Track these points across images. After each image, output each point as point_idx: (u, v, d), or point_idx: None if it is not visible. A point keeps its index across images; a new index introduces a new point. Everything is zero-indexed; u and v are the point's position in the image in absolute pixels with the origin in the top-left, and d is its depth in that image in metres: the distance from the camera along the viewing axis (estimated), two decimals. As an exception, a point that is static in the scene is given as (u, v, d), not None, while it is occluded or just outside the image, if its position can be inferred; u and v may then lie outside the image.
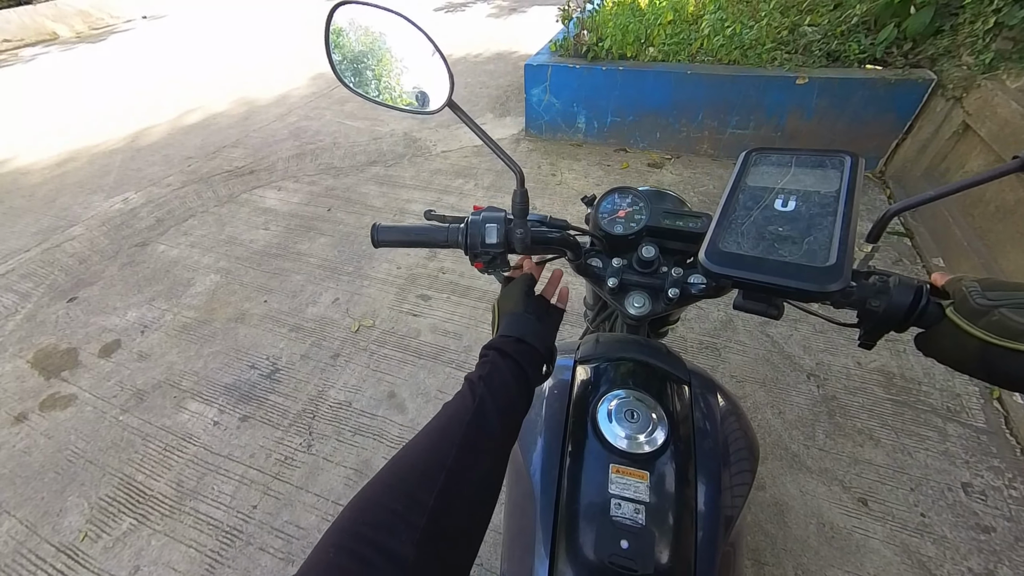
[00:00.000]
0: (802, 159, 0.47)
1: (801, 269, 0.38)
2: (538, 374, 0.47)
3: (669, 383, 0.54)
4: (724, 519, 0.44)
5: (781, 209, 0.43)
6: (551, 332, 0.51)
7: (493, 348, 0.46)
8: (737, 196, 0.46)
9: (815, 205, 0.42)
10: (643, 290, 0.63)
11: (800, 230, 0.41)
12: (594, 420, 0.49)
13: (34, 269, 2.33)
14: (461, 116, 0.47)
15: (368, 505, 0.34)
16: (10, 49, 7.05)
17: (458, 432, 0.38)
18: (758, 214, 0.44)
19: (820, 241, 0.39)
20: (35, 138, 3.87)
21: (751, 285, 0.40)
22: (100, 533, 1.30)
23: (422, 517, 0.32)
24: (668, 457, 0.46)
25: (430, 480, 0.35)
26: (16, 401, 1.68)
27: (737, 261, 0.41)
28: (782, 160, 0.48)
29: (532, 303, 0.51)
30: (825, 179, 0.44)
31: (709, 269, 0.41)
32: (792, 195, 0.44)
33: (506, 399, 0.41)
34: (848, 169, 0.44)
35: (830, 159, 0.46)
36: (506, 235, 0.53)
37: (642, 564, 0.40)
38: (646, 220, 0.63)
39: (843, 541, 1.17)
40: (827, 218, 0.41)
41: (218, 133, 3.65)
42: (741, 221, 0.44)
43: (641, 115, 2.80)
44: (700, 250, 0.42)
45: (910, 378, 1.51)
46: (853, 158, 0.44)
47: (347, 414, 1.56)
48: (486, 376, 0.43)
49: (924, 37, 2.23)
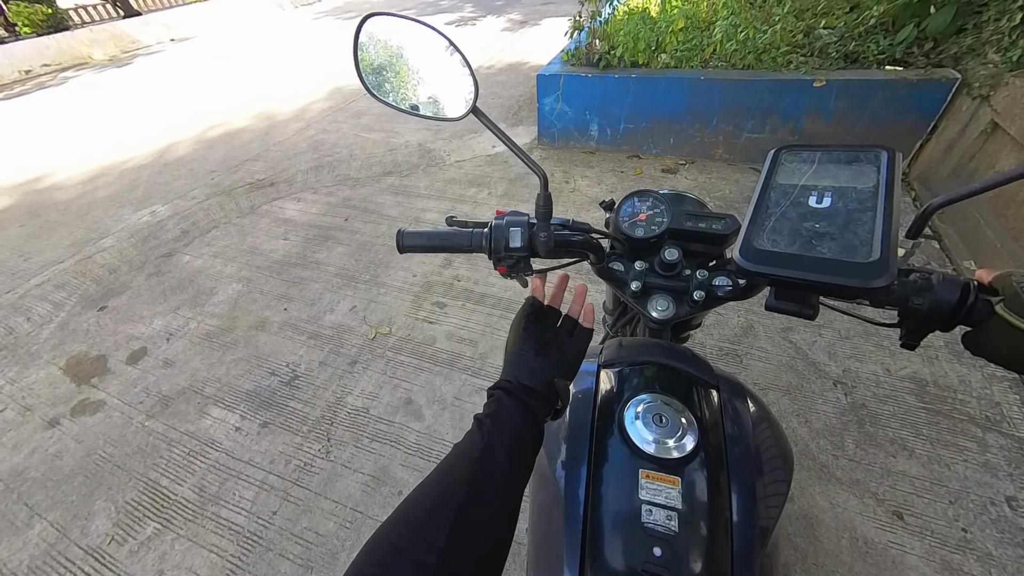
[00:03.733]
0: (834, 155, 0.46)
1: (843, 265, 0.37)
2: (545, 410, 0.46)
3: (696, 387, 0.53)
4: (760, 529, 0.43)
5: (816, 206, 0.42)
6: (556, 364, 0.48)
7: (499, 388, 0.45)
8: (768, 194, 0.45)
9: (852, 201, 0.41)
10: (666, 293, 0.62)
11: (839, 226, 0.40)
12: (621, 424, 0.48)
13: (67, 279, 2.43)
14: (485, 122, 0.48)
15: (377, 546, 0.33)
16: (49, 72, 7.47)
17: (467, 469, 0.38)
18: (792, 211, 0.43)
19: (861, 236, 0.38)
20: (69, 155, 4.06)
21: (790, 283, 0.39)
22: (126, 537, 1.33)
23: (431, 555, 0.32)
24: (699, 463, 0.44)
25: (440, 518, 0.34)
26: (49, 407, 1.74)
27: (774, 259, 0.40)
28: (813, 157, 0.47)
29: (530, 337, 0.49)
30: (860, 174, 0.43)
31: (744, 268, 0.40)
32: (827, 191, 0.43)
33: (513, 436, 0.41)
34: (885, 163, 0.42)
35: (864, 154, 0.44)
36: (530, 239, 0.53)
37: (676, 573, 0.39)
38: (668, 222, 0.62)
39: (878, 557, 1.11)
40: (866, 213, 0.40)
41: (240, 147, 3.78)
42: (775, 219, 0.43)
43: (654, 121, 2.79)
44: (734, 248, 0.42)
45: (944, 386, 1.44)
46: (890, 152, 0.43)
47: (365, 421, 1.57)
48: (492, 414, 0.42)
49: (946, 36, 2.18)
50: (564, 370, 0.48)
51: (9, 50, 7.25)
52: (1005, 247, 1.68)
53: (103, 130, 4.58)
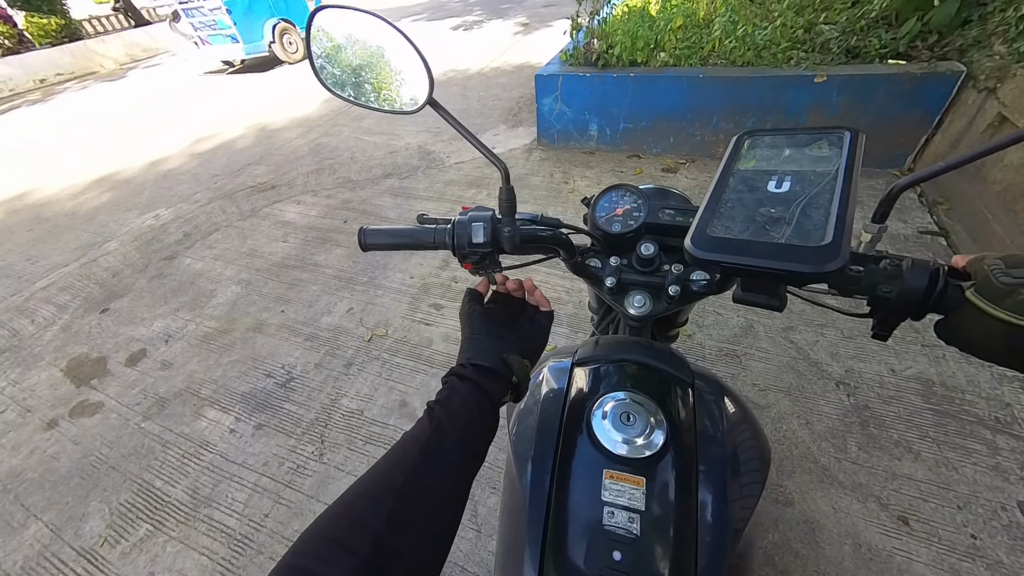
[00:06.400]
0: (798, 139, 0.44)
1: (794, 250, 0.35)
2: (501, 390, 0.45)
3: (671, 385, 0.51)
4: (730, 529, 0.41)
5: (774, 191, 0.40)
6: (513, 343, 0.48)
7: (452, 375, 0.45)
8: (728, 181, 0.43)
9: (811, 184, 0.39)
10: (643, 289, 0.61)
11: (794, 211, 0.38)
12: (589, 424, 0.46)
13: (72, 282, 2.46)
14: (442, 114, 0.46)
15: (310, 537, 0.32)
16: (63, 81, 7.65)
17: (412, 455, 0.37)
18: (749, 197, 0.41)
19: (816, 220, 0.36)
20: (79, 161, 4.14)
21: (740, 270, 0.38)
22: (119, 538, 1.33)
23: (365, 543, 0.30)
24: (668, 462, 0.43)
25: (378, 504, 0.33)
26: (49, 408, 1.75)
27: (724, 245, 0.38)
28: (776, 142, 0.45)
29: (477, 321, 0.50)
30: (822, 158, 0.41)
31: (695, 256, 0.39)
32: (787, 176, 0.41)
33: (465, 421, 0.40)
34: (847, 145, 0.41)
35: (828, 136, 0.43)
36: (494, 234, 0.52)
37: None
38: (644, 217, 0.61)
39: (883, 564, 1.07)
40: (823, 196, 0.38)
41: (243, 152, 3.82)
42: (731, 206, 0.41)
43: (654, 120, 2.77)
44: (686, 237, 0.40)
45: (952, 386, 1.40)
46: (853, 133, 0.42)
47: (359, 423, 1.56)
48: (444, 400, 0.42)
49: (950, 29, 2.13)
50: (524, 350, 0.49)
51: (24, 60, 7.44)
52: (1015, 242, 1.63)
53: (112, 136, 4.66)
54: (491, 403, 0.43)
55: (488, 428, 0.42)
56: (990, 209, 1.76)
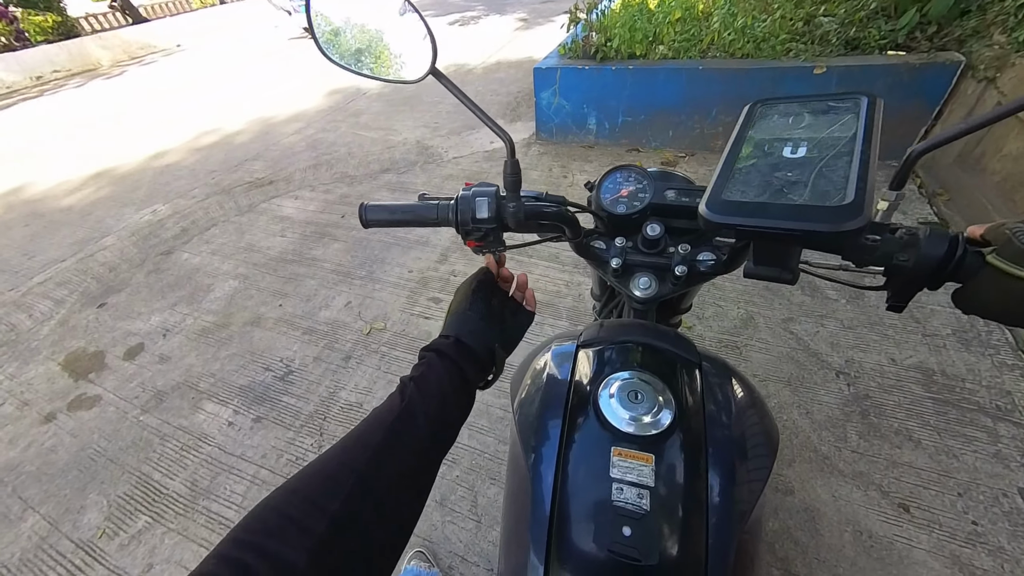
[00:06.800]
0: (812, 105, 0.44)
1: (814, 210, 0.35)
2: (479, 377, 0.44)
3: (679, 366, 0.50)
4: (738, 508, 0.40)
5: (790, 156, 0.40)
6: (499, 333, 0.47)
7: (431, 349, 0.43)
8: (741, 148, 0.43)
9: (828, 149, 0.39)
10: (649, 271, 0.60)
11: (812, 174, 0.37)
12: (595, 403, 0.46)
13: (69, 277, 2.45)
14: (445, 83, 0.46)
15: (262, 512, 0.30)
16: (60, 78, 7.61)
17: (378, 434, 0.35)
18: (764, 163, 0.40)
19: (835, 182, 0.36)
20: (76, 157, 4.12)
21: (758, 232, 0.37)
22: (117, 531, 1.32)
23: (321, 523, 0.29)
24: (676, 440, 0.42)
25: (337, 485, 0.31)
26: (46, 402, 1.74)
27: (740, 209, 0.37)
28: (790, 109, 0.45)
29: (479, 301, 0.49)
30: (838, 124, 0.41)
31: (710, 220, 0.38)
32: (802, 142, 0.40)
33: (438, 400, 0.39)
34: (864, 110, 0.40)
35: (844, 102, 0.42)
36: (498, 210, 0.51)
37: (645, 553, 0.36)
38: (650, 198, 0.60)
39: (883, 551, 1.07)
40: (842, 159, 0.37)
41: (240, 148, 3.80)
42: (746, 172, 0.40)
43: (653, 114, 2.76)
44: (700, 203, 0.39)
45: (952, 375, 1.39)
46: (869, 98, 0.41)
47: (358, 415, 1.56)
48: (418, 377, 0.40)
49: (949, 19, 2.13)
50: (505, 343, 0.48)
51: (21, 57, 7.40)
52: (1015, 233, 1.62)
53: (110, 132, 4.64)
54: (468, 386, 0.42)
55: (461, 412, 0.41)
56: (989, 199, 1.75)
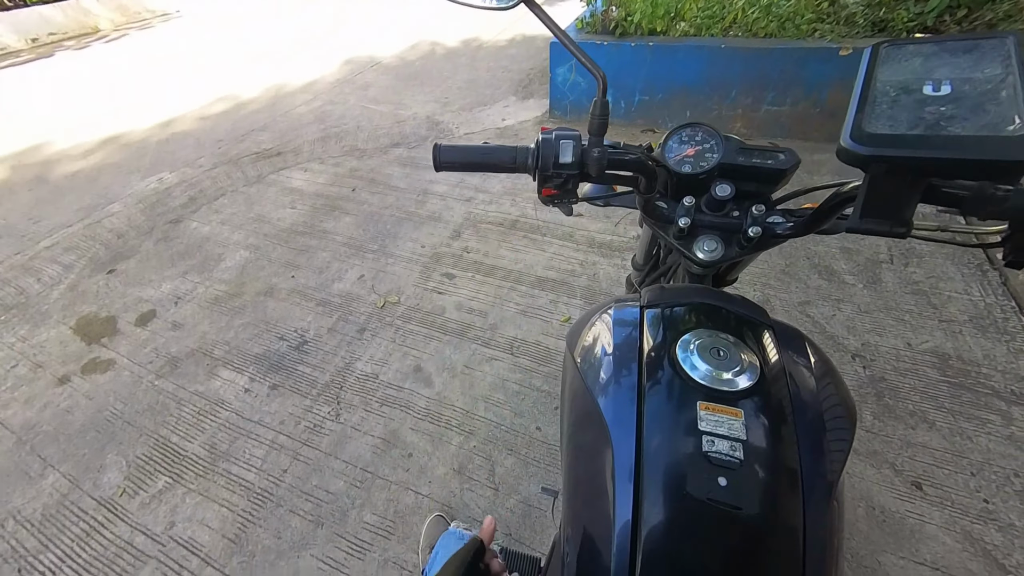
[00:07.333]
0: (948, 46, 0.41)
1: (986, 140, 0.33)
2: None
3: (755, 328, 0.48)
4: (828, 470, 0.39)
5: (934, 93, 0.37)
6: None
7: None
8: (872, 87, 0.40)
9: (978, 85, 0.36)
10: (715, 233, 0.58)
11: (968, 108, 0.35)
12: (673, 360, 0.44)
13: (77, 243, 2.42)
14: (537, 12, 0.44)
15: None
16: (56, 41, 7.38)
17: None
18: (906, 99, 0.38)
19: (1001, 114, 0.33)
20: (78, 123, 4.02)
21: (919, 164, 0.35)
22: (137, 489, 1.34)
23: None
24: (761, 400, 0.41)
25: None
26: (59, 364, 1.74)
27: (893, 141, 0.35)
28: (921, 51, 0.42)
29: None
30: (981, 62, 0.38)
31: (857, 152, 0.36)
32: (944, 81, 0.38)
33: None
34: (1013, 46, 0.37)
35: (985, 41, 0.39)
36: (582, 155, 0.49)
37: (746, 503, 0.36)
38: (719, 157, 0.58)
39: (896, 526, 1.10)
40: (1000, 93, 0.35)
41: (247, 118, 3.72)
42: (886, 106, 0.38)
43: (671, 93, 2.70)
44: (841, 135, 0.37)
45: (968, 360, 1.40)
46: (1016, 35, 0.38)
47: (374, 386, 1.56)
48: None
49: (979, 2, 2.07)
50: None
51: (15, 18, 7.15)
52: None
53: (111, 99, 4.52)
54: None
55: None
56: None
